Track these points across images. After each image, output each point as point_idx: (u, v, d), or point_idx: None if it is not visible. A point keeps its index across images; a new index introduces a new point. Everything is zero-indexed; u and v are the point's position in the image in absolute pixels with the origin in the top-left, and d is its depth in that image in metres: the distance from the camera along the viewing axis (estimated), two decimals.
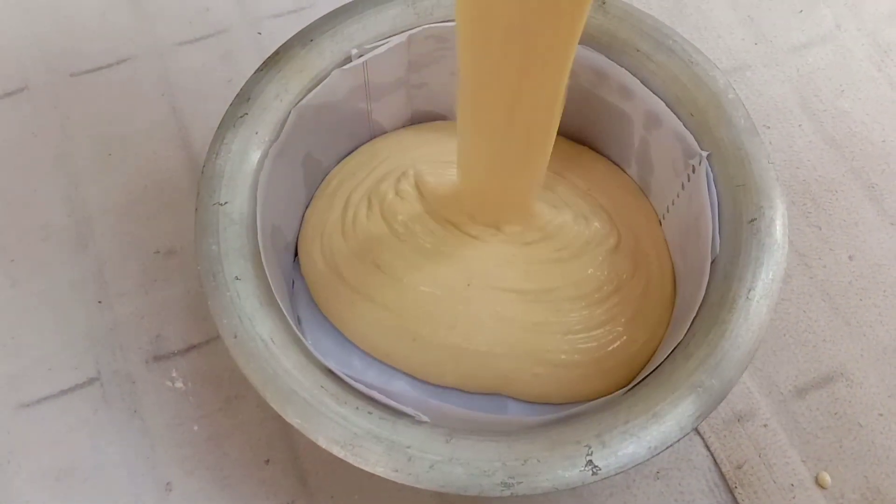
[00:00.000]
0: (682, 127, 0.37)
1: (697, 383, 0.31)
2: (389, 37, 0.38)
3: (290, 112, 0.36)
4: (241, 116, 0.35)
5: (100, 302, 0.41)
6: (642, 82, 0.38)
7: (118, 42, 0.47)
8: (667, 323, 0.38)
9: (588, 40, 0.39)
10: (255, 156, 0.35)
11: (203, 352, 0.40)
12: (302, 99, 0.37)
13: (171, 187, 0.43)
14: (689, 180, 0.38)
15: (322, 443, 0.30)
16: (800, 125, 0.48)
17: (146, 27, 0.48)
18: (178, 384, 0.39)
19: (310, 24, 0.38)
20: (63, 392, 0.39)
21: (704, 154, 0.36)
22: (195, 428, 0.38)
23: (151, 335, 0.40)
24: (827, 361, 0.41)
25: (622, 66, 0.38)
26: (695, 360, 0.32)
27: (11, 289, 0.41)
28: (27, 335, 0.40)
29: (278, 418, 0.38)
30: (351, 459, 0.30)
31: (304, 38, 0.37)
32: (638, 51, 0.39)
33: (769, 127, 0.48)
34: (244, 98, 0.36)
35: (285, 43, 0.37)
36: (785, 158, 0.47)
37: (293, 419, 0.31)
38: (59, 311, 0.40)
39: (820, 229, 0.45)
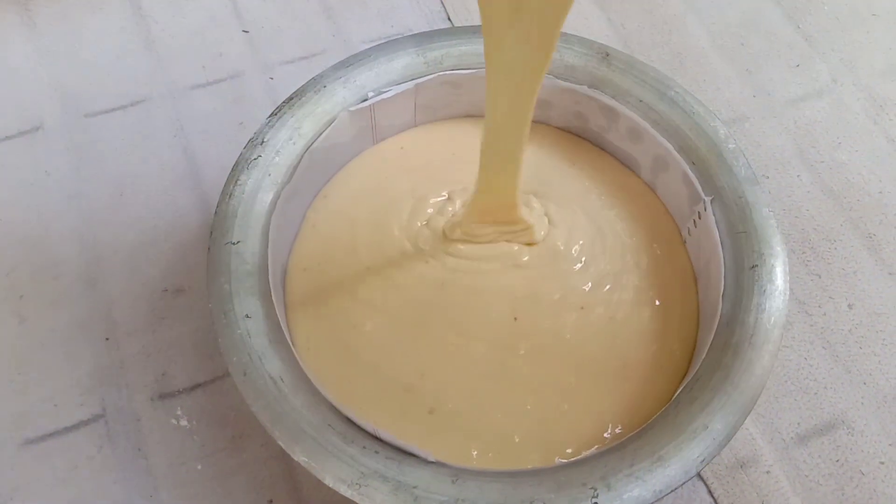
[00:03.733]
0: (689, 170, 0.38)
1: (701, 427, 0.31)
2: (399, 83, 0.39)
3: (302, 156, 0.37)
4: (255, 159, 0.36)
5: (107, 339, 0.41)
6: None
7: (133, 85, 0.48)
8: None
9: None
10: (268, 197, 0.36)
11: (208, 390, 0.40)
12: (313, 142, 0.37)
13: (182, 227, 0.43)
14: (695, 226, 0.38)
15: (329, 482, 0.30)
16: (798, 176, 0.49)
17: (161, 71, 0.49)
18: (183, 422, 0.39)
19: (323, 72, 0.39)
20: (68, 429, 0.39)
21: (708, 199, 0.37)
22: (199, 467, 0.38)
23: (157, 373, 0.40)
24: (828, 409, 0.41)
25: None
26: (699, 403, 0.32)
27: (20, 325, 0.41)
28: (34, 372, 0.40)
29: (282, 458, 0.38)
30: (357, 499, 0.30)
31: (318, 84, 0.38)
32: (641, 101, 0.40)
33: (768, 177, 0.49)
34: (258, 141, 0.37)
35: (299, 89, 0.39)
36: (784, 208, 0.48)
37: (300, 457, 0.31)
38: (67, 349, 0.40)
39: (819, 277, 0.45)
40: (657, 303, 0.39)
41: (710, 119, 0.39)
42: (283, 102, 0.38)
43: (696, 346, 0.38)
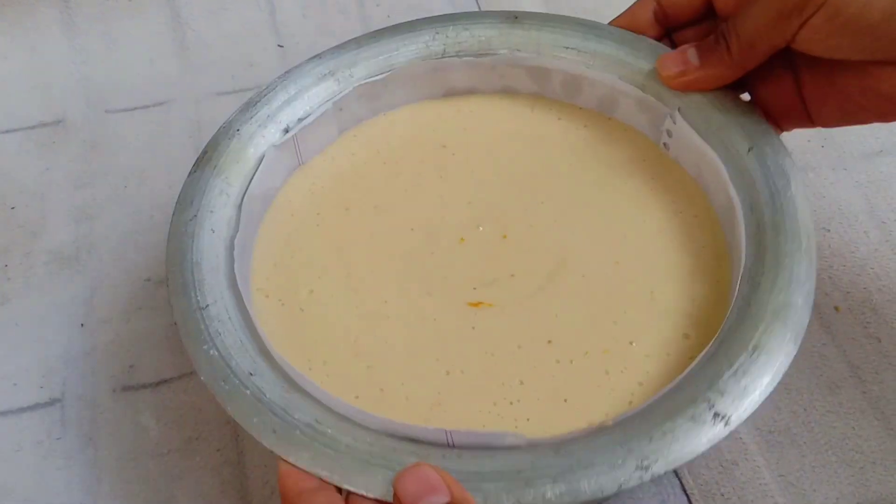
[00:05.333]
0: (642, 95, 0.39)
1: (781, 305, 0.32)
2: (316, 108, 0.39)
3: (240, 206, 0.36)
4: (190, 220, 0.35)
5: (82, 325, 0.41)
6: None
7: (160, 87, 0.50)
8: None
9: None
10: (221, 254, 0.35)
11: (173, 387, 0.39)
12: (247, 188, 0.37)
13: None
14: (670, 136, 0.39)
15: None
16: (865, 232, 0.45)
17: (189, 76, 0.51)
18: (141, 418, 0.38)
19: (231, 116, 0.39)
20: (22, 409, 0.38)
21: (675, 109, 0.38)
22: (148, 466, 0.37)
23: (125, 364, 0.40)
24: (875, 487, 0.37)
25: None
26: (765, 286, 0.32)
27: (1, 305, 0.42)
28: (2, 349, 0.40)
29: (236, 465, 0.37)
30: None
31: (230, 129, 0.38)
32: (567, 48, 0.40)
33: (829, 230, 0.45)
34: (187, 202, 0.36)
35: (211, 141, 0.38)
36: (845, 264, 0.44)
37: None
38: (41, 331, 0.41)
39: (879, 342, 0.41)
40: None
41: (642, 42, 0.40)
42: (200, 157, 0.37)
43: (727, 246, 0.37)
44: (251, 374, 0.30)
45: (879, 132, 0.50)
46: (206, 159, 0.37)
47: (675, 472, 0.37)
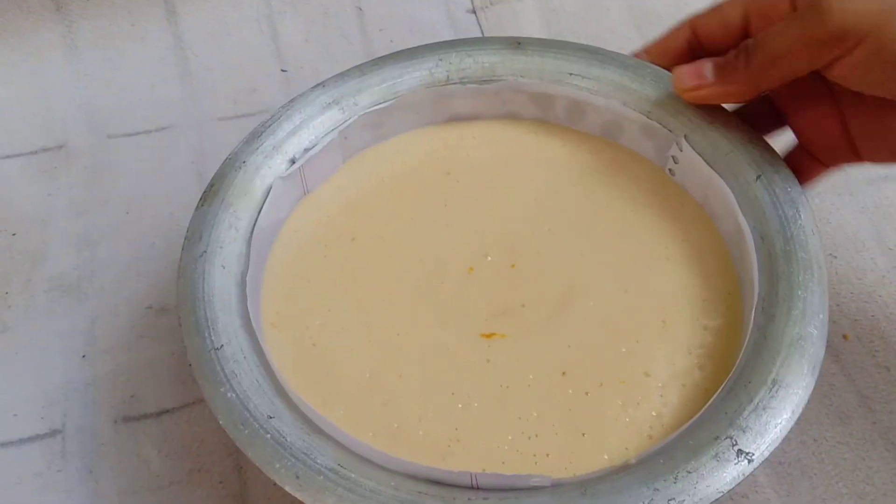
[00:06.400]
0: (647, 120, 0.40)
1: (796, 336, 0.32)
2: (321, 138, 0.39)
3: (250, 240, 0.36)
4: (200, 256, 0.35)
5: (84, 356, 0.41)
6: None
7: (161, 112, 0.50)
8: None
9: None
10: (233, 292, 0.34)
11: (175, 418, 0.39)
12: (255, 222, 0.36)
13: (180, 247, 0.43)
14: (676, 162, 0.40)
15: None
16: (873, 259, 0.45)
17: (191, 101, 0.51)
18: (143, 449, 0.38)
19: (236, 147, 0.38)
20: (22, 441, 0.38)
21: (681, 136, 0.38)
22: (149, 499, 0.37)
23: (126, 394, 0.39)
24: None
25: None
26: (780, 317, 0.33)
27: (1, 334, 0.42)
28: (1, 378, 0.40)
29: (238, 497, 0.37)
30: None
31: (236, 161, 0.38)
32: (571, 74, 0.41)
33: (836, 256, 0.45)
34: (196, 238, 0.35)
35: (217, 173, 0.37)
36: (853, 291, 0.44)
37: None
38: (41, 360, 0.41)
39: (888, 371, 0.41)
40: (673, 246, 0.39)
41: (646, 69, 0.40)
42: (206, 191, 0.37)
43: (737, 274, 0.37)
44: (270, 417, 0.30)
45: None
46: (214, 192, 0.36)
47: None
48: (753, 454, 0.29)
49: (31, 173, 0.48)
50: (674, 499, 0.28)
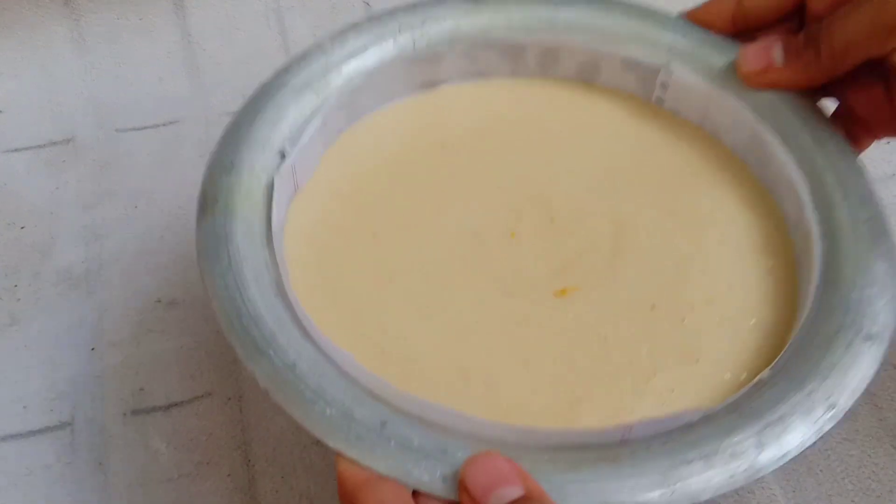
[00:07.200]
0: (629, 54, 0.39)
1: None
2: (302, 128, 0.36)
3: (270, 243, 0.33)
4: (225, 272, 0.31)
5: (93, 349, 0.41)
6: None
7: (170, 106, 0.50)
8: None
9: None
10: (277, 303, 0.31)
11: (184, 411, 0.39)
12: (268, 224, 0.34)
13: (189, 240, 0.43)
14: (665, 88, 0.40)
15: None
16: None
17: (200, 95, 0.51)
18: (152, 442, 0.38)
19: (217, 146, 0.35)
20: (32, 433, 0.38)
21: (666, 62, 0.38)
22: (158, 491, 0.37)
23: (135, 387, 0.40)
24: None
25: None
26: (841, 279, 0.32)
27: (10, 327, 0.42)
28: (11, 371, 0.40)
29: (246, 490, 0.37)
30: None
31: (224, 163, 0.35)
32: (540, 20, 0.40)
33: None
34: (213, 255, 0.32)
35: (206, 178, 0.34)
36: None
37: None
38: (50, 353, 0.41)
39: (895, 368, 0.41)
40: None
41: (615, 5, 0.40)
42: (205, 204, 0.33)
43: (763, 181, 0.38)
44: (384, 423, 0.28)
45: (893, 155, 0.50)
46: (213, 201, 0.33)
47: None
48: (882, 334, 0.29)
49: (39, 167, 0.48)
50: (831, 395, 0.28)
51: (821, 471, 0.38)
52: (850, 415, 0.28)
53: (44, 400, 0.39)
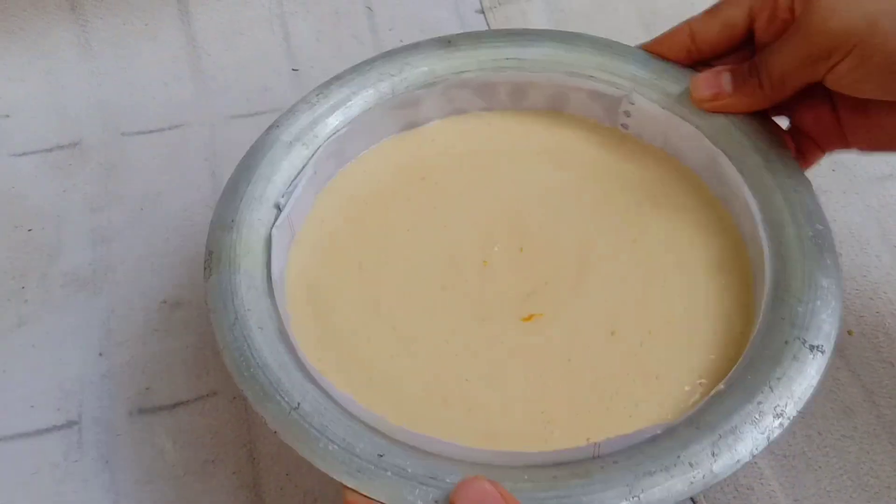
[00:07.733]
0: (594, 85, 0.41)
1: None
2: (294, 181, 0.39)
3: (270, 293, 0.35)
4: (232, 325, 0.33)
5: (100, 354, 0.42)
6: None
7: (175, 110, 0.51)
8: None
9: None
10: (280, 349, 0.33)
11: (190, 410, 0.40)
12: (268, 274, 0.36)
13: (194, 242, 0.45)
14: (629, 116, 0.42)
15: None
16: (878, 256, 0.46)
17: (204, 99, 0.52)
18: (158, 441, 0.39)
19: (218, 206, 0.38)
20: (39, 432, 0.39)
21: (629, 92, 0.40)
22: (164, 489, 0.38)
23: (141, 387, 0.40)
24: None
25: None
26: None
27: (18, 327, 0.43)
28: (19, 371, 0.41)
29: (251, 488, 0.37)
30: None
31: (225, 221, 0.37)
32: (507, 59, 0.42)
33: (841, 254, 0.46)
34: (221, 308, 0.34)
35: (210, 237, 0.36)
36: (857, 288, 0.45)
37: None
38: (57, 353, 0.42)
39: (893, 366, 0.42)
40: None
41: (581, 39, 0.42)
42: (209, 260, 0.36)
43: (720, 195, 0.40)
44: (381, 456, 0.30)
45: (890, 156, 0.50)
46: (217, 259, 0.35)
47: (692, 499, 0.38)
48: (823, 346, 0.32)
49: (46, 170, 0.49)
50: (777, 405, 0.30)
51: (819, 467, 0.39)
52: (797, 421, 0.31)
53: (51, 399, 0.40)
